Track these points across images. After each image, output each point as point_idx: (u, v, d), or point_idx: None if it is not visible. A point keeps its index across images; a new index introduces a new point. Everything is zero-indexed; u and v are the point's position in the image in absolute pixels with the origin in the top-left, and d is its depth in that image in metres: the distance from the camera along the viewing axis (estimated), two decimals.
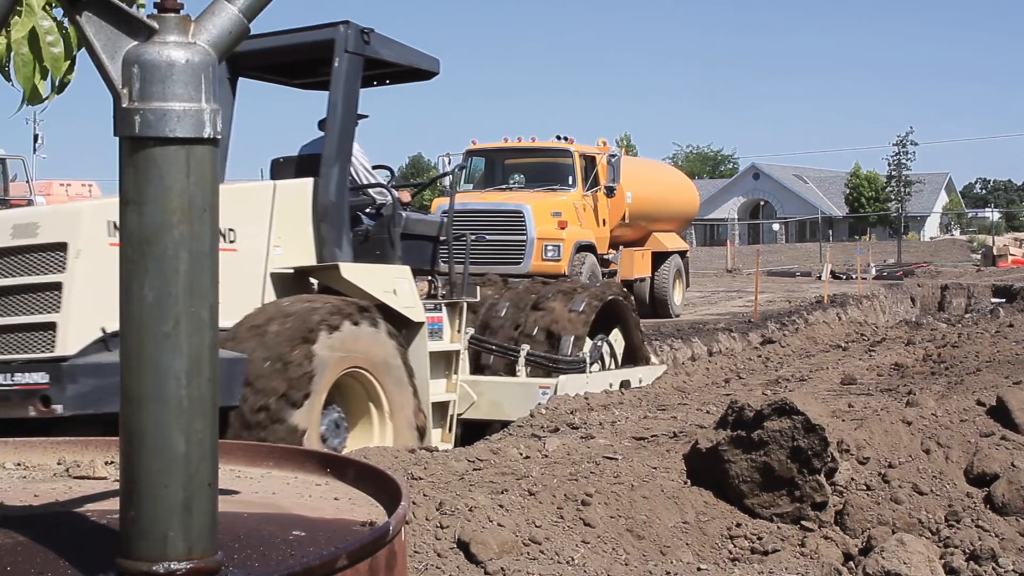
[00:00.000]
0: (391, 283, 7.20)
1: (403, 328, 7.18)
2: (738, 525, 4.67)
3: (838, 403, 6.21)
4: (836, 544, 4.52)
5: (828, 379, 7.86)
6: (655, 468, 5.04)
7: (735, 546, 4.57)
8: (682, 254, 20.43)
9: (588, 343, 9.30)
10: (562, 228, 16.21)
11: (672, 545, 4.47)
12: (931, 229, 66.68)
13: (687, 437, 5.55)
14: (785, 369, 8.90)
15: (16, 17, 1.89)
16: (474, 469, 5.15)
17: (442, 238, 8.32)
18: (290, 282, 6.93)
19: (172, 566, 1.35)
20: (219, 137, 1.40)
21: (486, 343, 8.96)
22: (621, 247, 18.39)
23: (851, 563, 4.40)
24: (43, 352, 5.67)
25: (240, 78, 7.97)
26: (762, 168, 70.14)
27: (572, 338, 8.94)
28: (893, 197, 60.91)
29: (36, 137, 29.36)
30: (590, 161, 17.43)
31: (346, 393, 6.66)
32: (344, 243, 7.22)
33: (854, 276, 29.45)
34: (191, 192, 1.37)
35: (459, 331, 8.12)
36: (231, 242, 6.54)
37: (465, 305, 8.16)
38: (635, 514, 4.54)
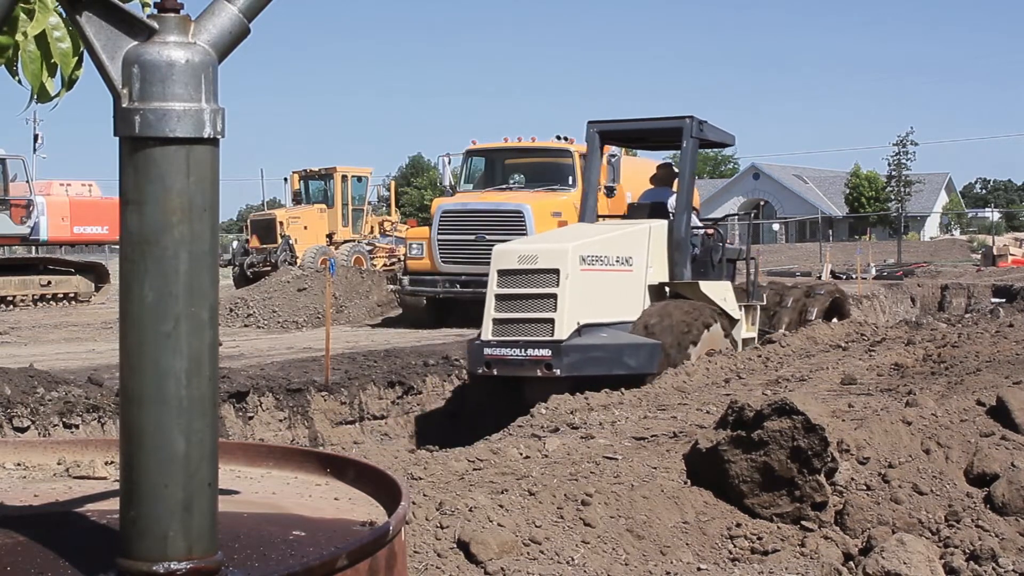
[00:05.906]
0: (723, 294, 10.86)
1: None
2: (738, 525, 4.67)
3: (838, 403, 6.20)
4: (836, 544, 4.52)
5: (828, 379, 7.84)
6: (655, 468, 5.04)
7: (735, 546, 4.57)
8: None
9: None
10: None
11: (672, 545, 4.47)
12: (931, 229, 66.65)
13: (687, 437, 5.55)
14: (785, 369, 8.88)
15: (25, 17, 1.87)
16: (474, 469, 5.15)
17: (739, 259, 12.06)
18: (655, 291, 10.43)
19: (172, 566, 1.35)
20: (220, 137, 1.40)
21: None
22: None
23: (851, 563, 4.40)
24: (546, 336, 9.32)
25: (606, 144, 12.22)
26: (762, 168, 70.12)
27: (814, 315, 12.30)
28: (893, 197, 60.89)
29: (36, 137, 29.25)
30: None
31: None
32: (688, 265, 10.69)
33: (854, 276, 29.39)
34: (191, 192, 1.37)
35: (752, 323, 11.46)
36: (630, 265, 10.14)
37: (758, 305, 11.59)
38: (635, 514, 4.54)
